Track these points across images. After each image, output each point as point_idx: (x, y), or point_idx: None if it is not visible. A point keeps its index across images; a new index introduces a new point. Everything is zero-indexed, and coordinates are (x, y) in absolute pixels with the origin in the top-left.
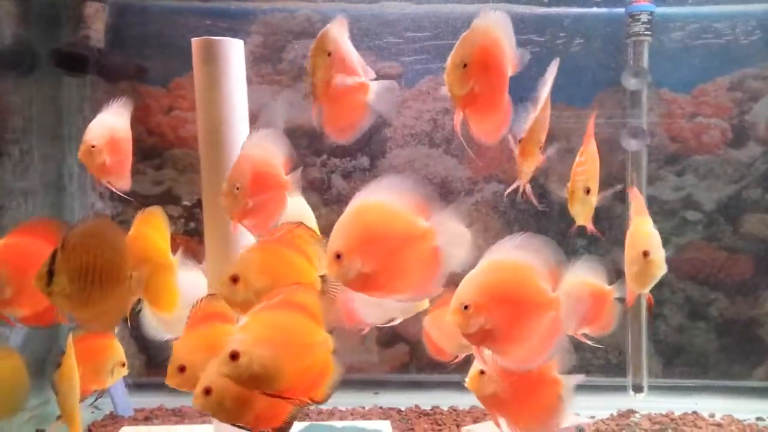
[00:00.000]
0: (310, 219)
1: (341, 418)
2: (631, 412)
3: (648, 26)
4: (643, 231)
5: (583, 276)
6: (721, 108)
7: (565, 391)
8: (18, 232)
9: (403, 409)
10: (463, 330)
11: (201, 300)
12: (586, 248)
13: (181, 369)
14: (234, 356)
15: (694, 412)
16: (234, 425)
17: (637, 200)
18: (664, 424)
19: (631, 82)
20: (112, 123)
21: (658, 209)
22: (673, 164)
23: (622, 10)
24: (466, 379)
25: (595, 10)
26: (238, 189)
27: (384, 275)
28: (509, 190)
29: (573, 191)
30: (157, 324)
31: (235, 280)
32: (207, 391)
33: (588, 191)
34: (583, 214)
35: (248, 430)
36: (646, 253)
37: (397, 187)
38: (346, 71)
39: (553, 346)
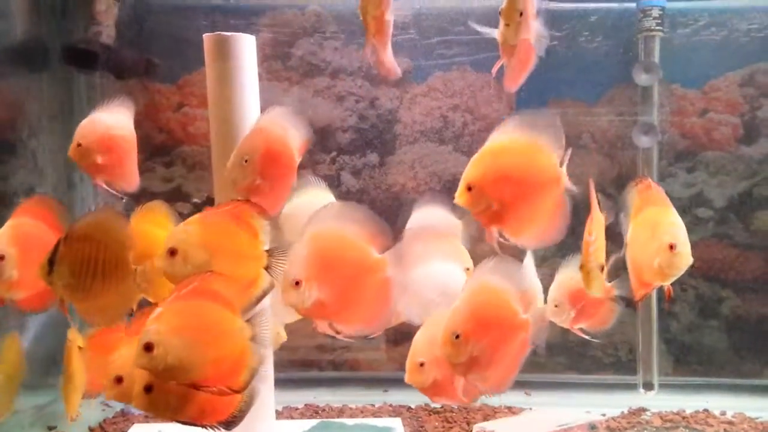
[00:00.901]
0: None
1: (351, 416)
2: (642, 410)
3: (659, 21)
4: (668, 221)
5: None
6: (733, 104)
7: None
8: (20, 211)
9: (413, 406)
10: (454, 360)
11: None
12: None
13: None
14: (148, 348)
15: (705, 410)
16: (178, 422)
17: (655, 191)
18: (675, 421)
19: (642, 78)
20: (105, 121)
21: None
22: (684, 161)
23: (633, 5)
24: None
25: (605, 5)
26: (246, 162)
27: (339, 303)
28: None
29: (588, 271)
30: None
31: (173, 253)
32: (147, 389)
33: (602, 268)
34: (598, 287)
35: (193, 425)
36: (672, 246)
37: (350, 217)
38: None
39: (520, 365)
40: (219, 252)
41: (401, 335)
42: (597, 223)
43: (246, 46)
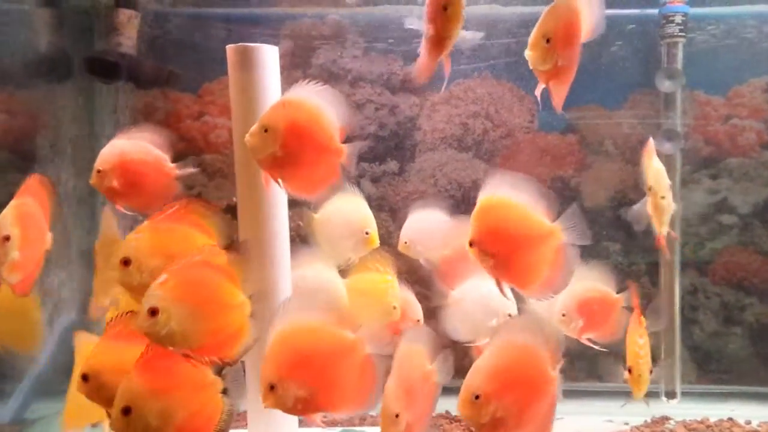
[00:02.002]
0: (370, 221)
1: (373, 424)
2: (665, 418)
3: (682, 27)
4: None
5: (591, 282)
6: (757, 110)
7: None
8: (23, 191)
9: (434, 414)
10: (474, 421)
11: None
12: (620, 253)
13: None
14: (153, 312)
15: (730, 419)
16: None
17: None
18: (700, 430)
19: (665, 84)
20: (123, 147)
21: (692, 213)
22: (708, 167)
23: (655, 11)
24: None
25: (627, 11)
26: (266, 131)
27: (322, 394)
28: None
29: (639, 374)
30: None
31: (126, 263)
32: (126, 411)
33: (651, 372)
34: (644, 392)
35: None
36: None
37: (314, 301)
38: None
39: (552, 423)
40: (173, 255)
41: None
42: (644, 329)
43: (269, 57)
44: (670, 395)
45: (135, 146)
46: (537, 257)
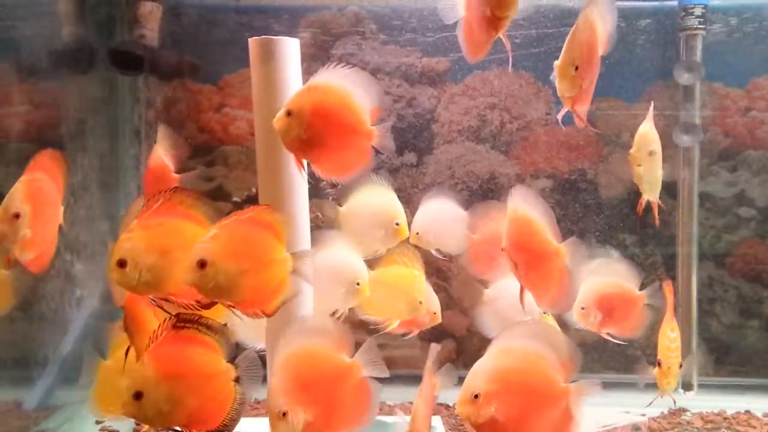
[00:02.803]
0: (400, 212)
1: (389, 413)
2: (682, 410)
3: (702, 20)
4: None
5: (614, 277)
6: None
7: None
8: (34, 166)
9: (450, 404)
10: (472, 420)
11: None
12: (636, 244)
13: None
14: (202, 265)
15: (747, 411)
16: (167, 429)
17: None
18: (717, 422)
19: (684, 77)
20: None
21: (710, 205)
22: (726, 160)
23: (675, 3)
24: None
25: (647, 3)
26: (290, 114)
27: (325, 417)
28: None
29: (669, 367)
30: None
31: (122, 264)
32: (138, 396)
33: (680, 366)
34: (673, 385)
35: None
36: (652, 152)
37: (315, 329)
38: None
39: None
40: (167, 249)
41: (438, 333)
42: (676, 327)
43: (291, 49)
44: (687, 387)
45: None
46: (546, 274)
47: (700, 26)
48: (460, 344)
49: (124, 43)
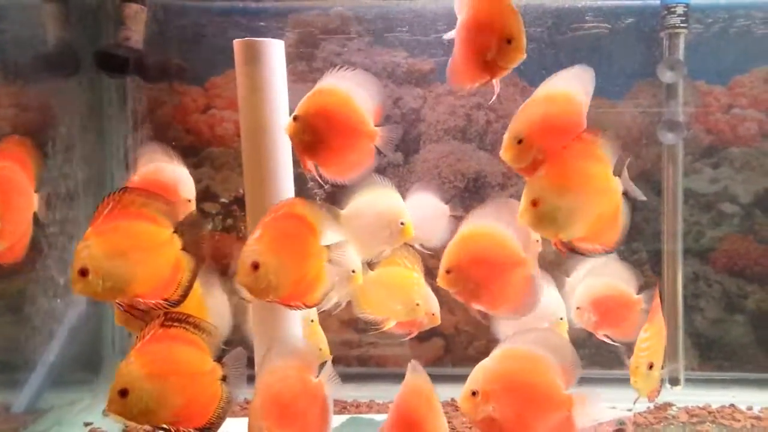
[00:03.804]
0: (404, 211)
1: (379, 411)
2: (668, 405)
3: (684, 18)
4: None
5: (612, 280)
6: (758, 99)
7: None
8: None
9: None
10: (470, 416)
11: None
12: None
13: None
14: (255, 267)
15: (732, 405)
16: (153, 426)
17: None
18: (702, 416)
19: (667, 75)
20: None
21: (694, 202)
22: (709, 157)
23: (657, 2)
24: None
25: (629, 2)
26: (296, 119)
27: None
28: None
29: (636, 366)
30: None
31: (83, 273)
32: (123, 393)
33: (651, 366)
34: (646, 388)
35: (167, 430)
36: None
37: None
38: None
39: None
40: (127, 251)
41: (426, 332)
42: (656, 325)
43: (275, 51)
44: (674, 382)
45: None
46: (508, 284)
47: (682, 25)
48: (449, 342)
49: (110, 46)
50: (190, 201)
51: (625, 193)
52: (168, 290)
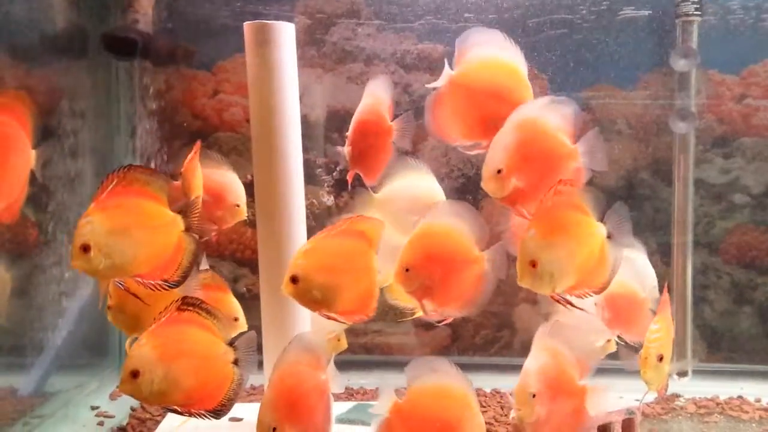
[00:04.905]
0: (440, 194)
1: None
2: (676, 396)
3: (698, 6)
4: None
5: (623, 276)
6: None
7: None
8: None
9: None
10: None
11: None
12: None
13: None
14: (294, 280)
15: (740, 397)
16: (165, 408)
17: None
18: (710, 408)
19: (679, 64)
20: None
21: (705, 192)
22: (721, 147)
23: None
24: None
25: None
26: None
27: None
28: None
29: (646, 357)
30: None
31: (86, 249)
32: (135, 374)
33: (661, 358)
34: (656, 381)
35: (179, 412)
36: None
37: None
38: None
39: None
40: (131, 229)
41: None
42: (664, 318)
43: (286, 34)
44: (681, 373)
45: None
46: (462, 281)
47: (696, 13)
48: (455, 331)
49: (118, 28)
50: (238, 206)
51: (610, 236)
52: (168, 271)
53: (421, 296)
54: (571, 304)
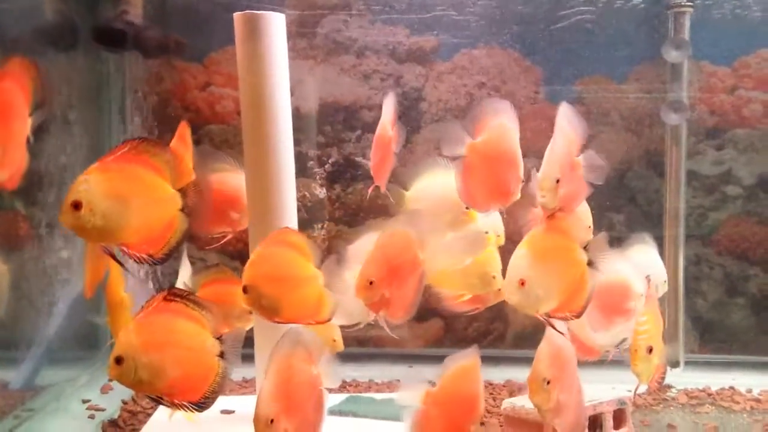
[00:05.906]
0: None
1: (378, 391)
2: (668, 386)
3: None
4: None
5: (621, 270)
6: (763, 80)
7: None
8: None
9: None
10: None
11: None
12: (623, 223)
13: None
14: (245, 290)
15: (731, 388)
16: (149, 397)
17: None
18: (701, 399)
19: (672, 55)
20: None
21: (697, 184)
22: (713, 138)
23: None
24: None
25: None
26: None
27: (297, 426)
28: None
29: (635, 350)
30: None
31: (77, 206)
32: (118, 360)
33: (650, 350)
34: (646, 374)
35: (164, 403)
36: None
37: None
38: None
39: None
40: (126, 195)
41: (425, 312)
42: (652, 310)
43: (276, 25)
44: (673, 364)
45: None
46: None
47: (688, 4)
48: (448, 323)
49: (108, 20)
50: None
51: (590, 263)
52: (155, 247)
53: (379, 308)
54: (553, 326)
